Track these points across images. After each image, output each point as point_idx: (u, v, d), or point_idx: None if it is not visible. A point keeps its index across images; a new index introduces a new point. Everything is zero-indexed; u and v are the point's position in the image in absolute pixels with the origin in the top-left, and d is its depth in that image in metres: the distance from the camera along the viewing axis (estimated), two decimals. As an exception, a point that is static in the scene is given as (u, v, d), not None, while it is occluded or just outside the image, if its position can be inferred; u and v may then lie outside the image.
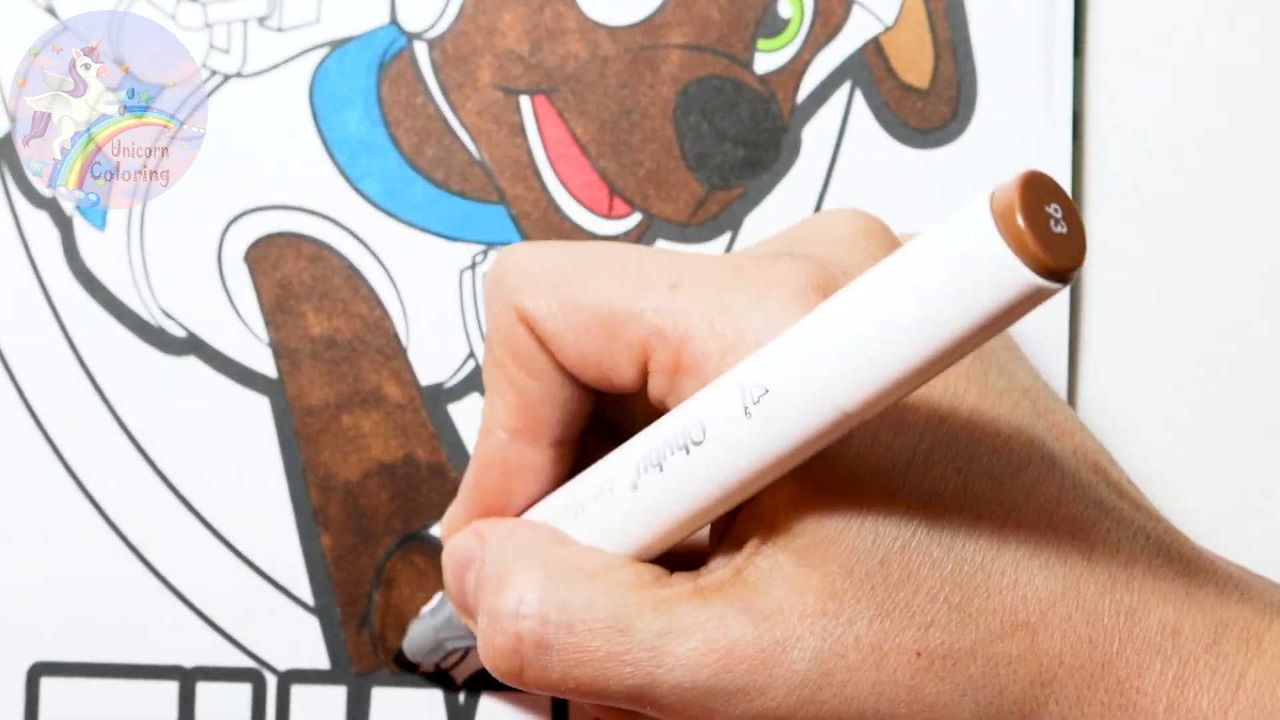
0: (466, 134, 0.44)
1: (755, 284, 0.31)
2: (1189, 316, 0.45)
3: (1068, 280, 0.25)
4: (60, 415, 0.44)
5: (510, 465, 0.35)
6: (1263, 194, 0.45)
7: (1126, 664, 0.31)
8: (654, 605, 0.31)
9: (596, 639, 0.31)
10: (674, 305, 0.32)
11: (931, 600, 0.31)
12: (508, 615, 0.32)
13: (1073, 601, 0.31)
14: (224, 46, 0.44)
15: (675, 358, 0.32)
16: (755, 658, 0.31)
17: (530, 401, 0.34)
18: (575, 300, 0.33)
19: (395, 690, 0.44)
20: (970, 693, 0.31)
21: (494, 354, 0.35)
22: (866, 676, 0.31)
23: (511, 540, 0.34)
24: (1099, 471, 0.33)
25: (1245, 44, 0.45)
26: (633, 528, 0.32)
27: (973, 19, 0.44)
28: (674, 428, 0.30)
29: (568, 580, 0.32)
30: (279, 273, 0.44)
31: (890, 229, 0.34)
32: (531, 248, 0.35)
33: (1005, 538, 0.31)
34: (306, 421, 0.44)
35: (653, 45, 0.44)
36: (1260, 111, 0.45)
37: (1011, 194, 0.25)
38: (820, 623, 0.30)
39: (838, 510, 0.31)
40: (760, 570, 0.31)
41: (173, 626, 0.43)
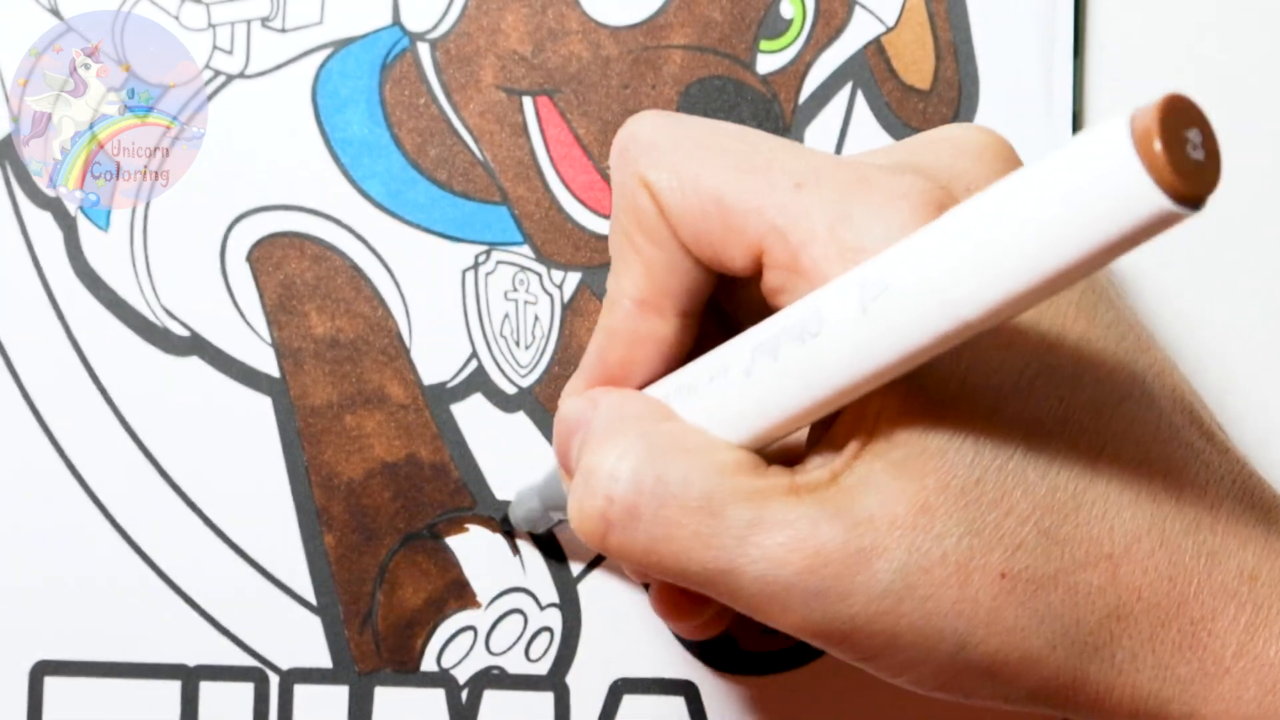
0: (469, 134, 0.44)
1: (879, 194, 0.31)
2: (1188, 316, 0.45)
3: (1200, 206, 0.25)
4: (64, 415, 0.44)
5: (635, 335, 0.35)
6: (1263, 194, 0.45)
7: (1202, 605, 0.31)
8: (748, 494, 0.31)
9: (686, 516, 0.31)
10: (795, 206, 0.32)
11: (1021, 524, 0.31)
12: (603, 477, 0.32)
13: (1157, 538, 0.31)
14: (227, 47, 0.44)
15: (792, 258, 0.31)
16: (841, 562, 0.31)
17: (655, 271, 0.34)
18: (696, 181, 0.33)
19: (397, 690, 0.44)
20: (1048, 619, 0.31)
21: (620, 223, 0.34)
22: (949, 593, 0.31)
23: (621, 408, 0.33)
24: (1191, 413, 0.33)
25: (1245, 44, 0.45)
26: (741, 413, 0.32)
27: (974, 20, 0.44)
28: (793, 318, 0.30)
29: (667, 453, 0.32)
30: (282, 273, 0.44)
31: (1014, 149, 0.34)
32: (658, 117, 0.34)
33: (1099, 469, 0.31)
34: (309, 421, 0.44)
35: (655, 46, 0.44)
36: (1260, 111, 0.45)
37: (1151, 117, 0.25)
38: (910, 535, 0.30)
39: (940, 425, 0.31)
40: (856, 476, 0.31)
41: (176, 626, 0.43)
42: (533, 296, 0.44)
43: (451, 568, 0.44)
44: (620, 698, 0.44)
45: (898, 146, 0.34)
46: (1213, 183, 0.25)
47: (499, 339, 0.44)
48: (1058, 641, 0.31)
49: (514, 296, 0.44)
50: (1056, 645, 0.31)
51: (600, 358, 0.36)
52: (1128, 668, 0.32)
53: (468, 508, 0.44)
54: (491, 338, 0.44)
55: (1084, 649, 0.31)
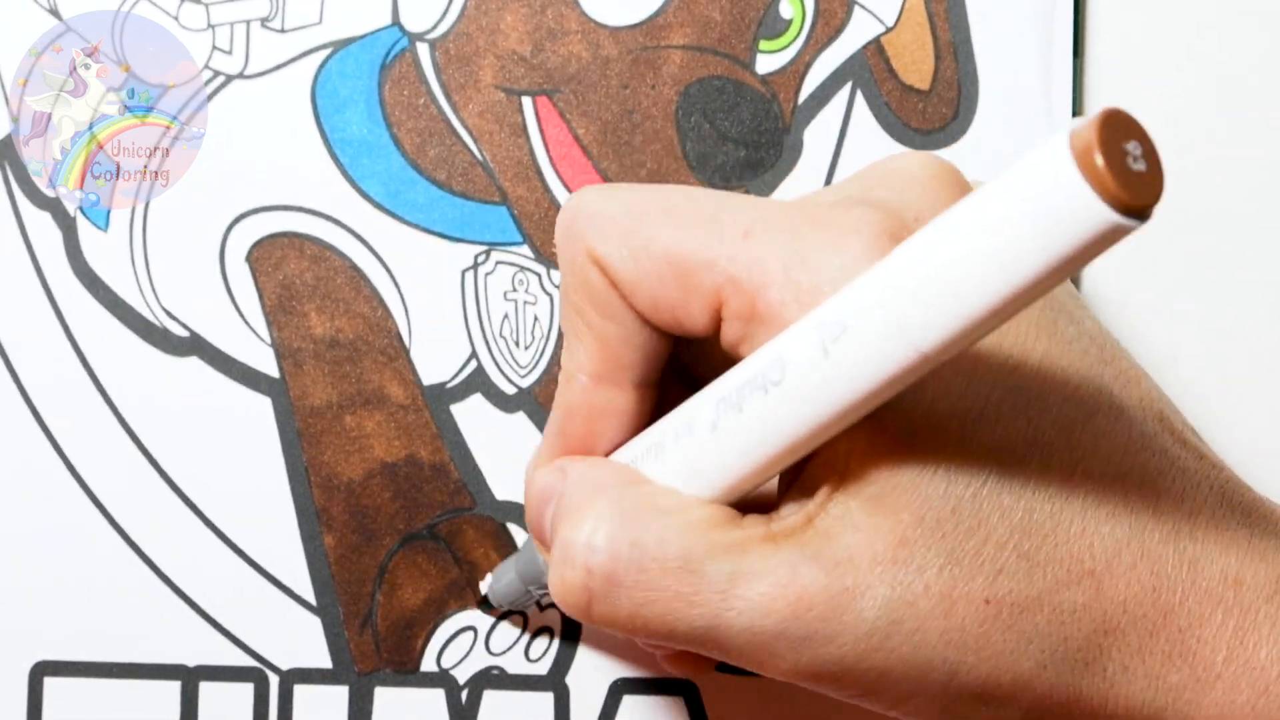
0: (468, 134, 0.44)
1: (830, 231, 0.31)
2: (1189, 316, 0.45)
3: (1146, 217, 0.25)
4: (63, 415, 0.44)
5: (593, 409, 0.35)
6: (1263, 193, 0.45)
7: (1188, 613, 0.31)
8: (725, 548, 0.31)
9: (667, 578, 0.31)
10: (748, 254, 0.32)
11: (1001, 548, 0.31)
12: (580, 548, 0.32)
13: (1138, 550, 0.31)
14: (226, 47, 0.44)
15: (750, 306, 0.31)
16: (825, 604, 0.31)
17: (609, 344, 0.34)
18: (647, 247, 0.33)
19: (397, 690, 0.44)
20: (1036, 640, 0.31)
21: (570, 299, 0.34)
22: (935, 624, 0.31)
23: (590, 476, 0.33)
24: (1163, 421, 0.33)
25: (1245, 44, 0.45)
26: (712, 469, 0.32)
27: (974, 20, 0.44)
28: (753, 369, 0.30)
29: (641, 517, 0.32)
30: (281, 273, 0.44)
31: (961, 174, 0.34)
32: (600, 190, 0.34)
33: (1073, 486, 0.31)
34: (309, 422, 0.44)
35: (654, 46, 0.44)
36: (1260, 111, 0.45)
37: (1090, 132, 0.25)
38: (891, 571, 0.31)
39: (910, 458, 0.31)
40: (832, 518, 0.31)
41: (175, 626, 0.44)
42: (532, 297, 0.44)
43: (451, 568, 0.44)
44: (620, 698, 0.44)
45: (845, 182, 0.34)
46: (1157, 192, 0.25)
47: (498, 339, 0.44)
48: (1047, 661, 0.31)
49: (513, 297, 0.44)
50: (1046, 665, 0.31)
51: (561, 434, 0.36)
52: (1120, 680, 0.32)
53: (467, 508, 0.44)
54: (491, 338, 0.44)
55: (1074, 666, 0.31)
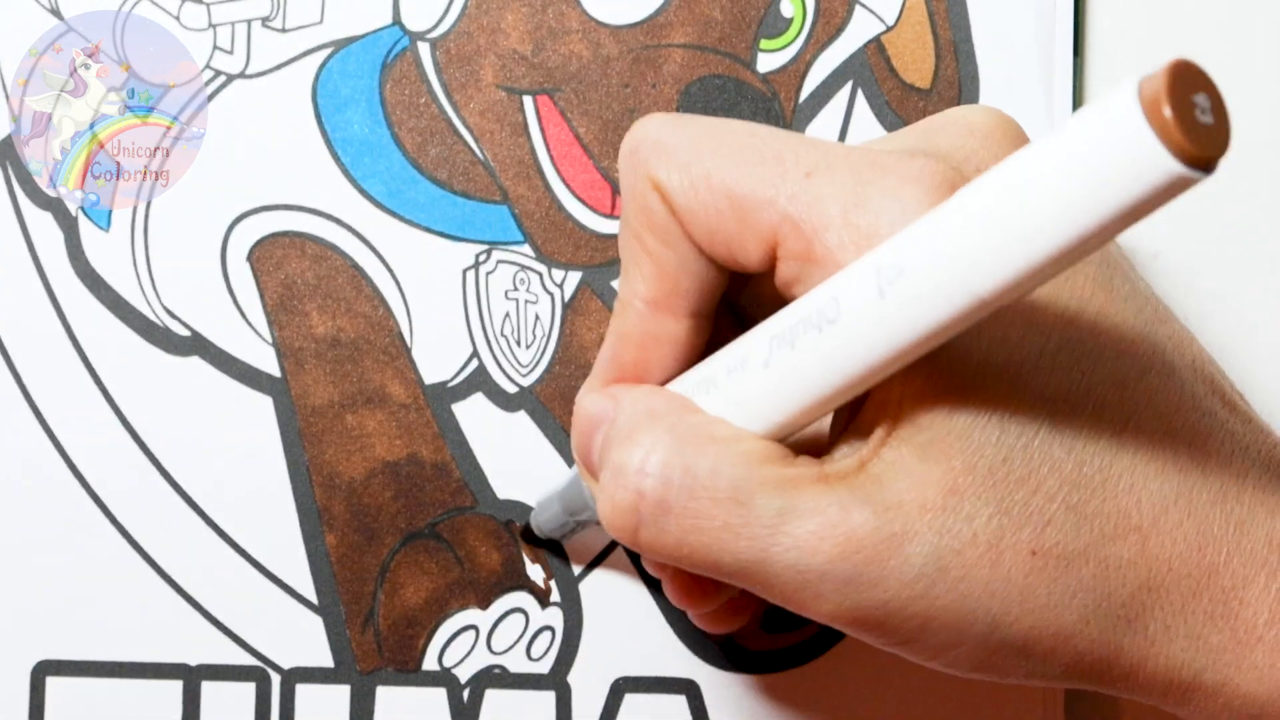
0: (469, 134, 0.44)
1: (891, 178, 0.31)
2: (1189, 317, 0.45)
3: (1211, 169, 0.25)
4: (65, 415, 0.44)
5: (648, 336, 0.35)
6: (1263, 193, 0.45)
7: (1232, 574, 0.32)
8: (777, 483, 0.31)
9: (717, 508, 0.31)
10: (808, 194, 0.31)
11: (1050, 500, 0.31)
12: (632, 471, 0.32)
13: (1185, 509, 0.31)
14: (228, 47, 0.44)
15: (806, 246, 0.31)
16: (873, 548, 0.31)
17: (666, 271, 0.34)
18: (708, 178, 0.33)
19: (399, 689, 0.44)
20: (1080, 594, 0.31)
21: (630, 225, 0.34)
22: (981, 574, 0.31)
23: (644, 403, 0.33)
24: (1213, 384, 0.33)
25: (1245, 44, 0.45)
26: (763, 405, 0.32)
27: (974, 19, 0.44)
28: (809, 306, 0.30)
29: (695, 445, 0.32)
30: (282, 272, 0.44)
31: (1022, 129, 0.34)
32: (665, 119, 0.34)
33: (1124, 442, 0.31)
34: (310, 421, 0.44)
35: (655, 45, 0.44)
36: (1260, 111, 0.45)
37: (1159, 83, 0.25)
38: (940, 518, 0.30)
39: (964, 405, 0.31)
40: (884, 462, 0.31)
41: (177, 625, 0.44)
42: (533, 295, 0.44)
43: (453, 567, 0.44)
44: (622, 696, 0.44)
45: (908, 131, 0.34)
46: (1223, 145, 0.25)
47: (500, 338, 0.44)
48: (1090, 616, 0.31)
49: (515, 295, 0.44)
50: (1090, 620, 0.31)
51: (614, 361, 0.35)
52: (1161, 639, 0.32)
53: (469, 507, 0.44)
54: (492, 337, 0.44)
55: (1117, 622, 0.31)
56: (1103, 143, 0.26)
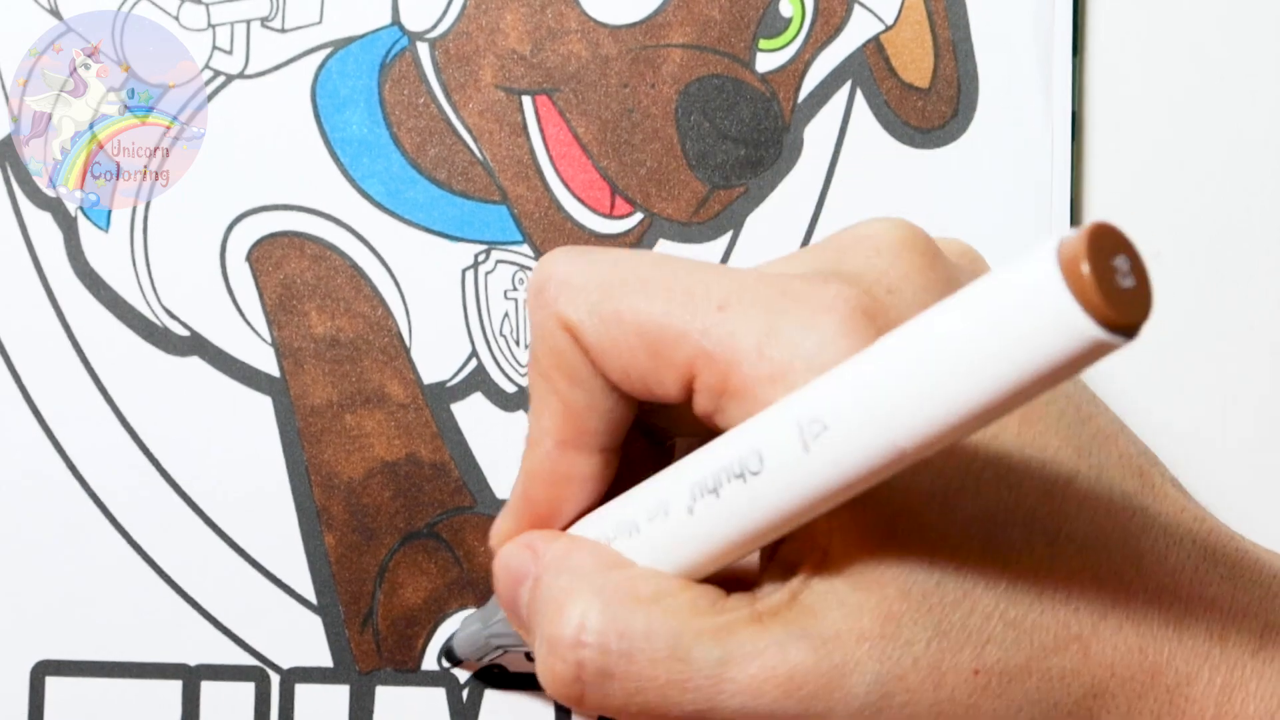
0: (468, 134, 0.44)
1: (804, 308, 0.31)
2: (1188, 315, 0.45)
3: (1133, 335, 0.25)
4: (64, 415, 0.44)
5: (559, 475, 0.35)
6: (1263, 192, 0.45)
7: (1175, 672, 0.31)
8: (713, 632, 0.31)
9: (657, 667, 0.31)
10: (722, 328, 0.31)
11: (987, 619, 0.31)
12: (568, 644, 0.32)
13: (1123, 612, 0.31)
14: (227, 47, 0.44)
15: (723, 380, 0.31)
16: (815, 683, 0.31)
17: (576, 411, 0.34)
18: (619, 316, 0.32)
19: (398, 689, 0.44)
20: (1025, 708, 0.31)
21: (539, 365, 0.34)
22: (925, 697, 0.31)
23: (567, 562, 0.33)
24: (1142, 476, 0.33)
25: (1245, 43, 0.45)
26: (688, 550, 0.32)
27: (973, 18, 0.44)
28: (731, 455, 0.30)
29: (626, 607, 0.32)
30: (282, 272, 0.44)
31: (930, 238, 0.34)
32: (571, 255, 0.34)
33: (1057, 552, 0.31)
34: (309, 421, 0.44)
35: (654, 45, 0.44)
36: (1260, 110, 0.45)
37: (1078, 245, 0.25)
38: (879, 646, 0.31)
39: (892, 536, 0.31)
40: (816, 594, 0.31)
41: (177, 625, 0.44)
42: (532, 296, 0.44)
43: (452, 567, 0.44)
44: (621, 696, 0.44)
45: (816, 249, 0.34)
46: (1145, 310, 0.25)
47: (499, 338, 0.44)
48: None
49: (514, 295, 0.44)
50: None
51: (525, 498, 0.36)
52: None
53: (468, 507, 0.44)
54: (491, 337, 0.44)
55: None
56: (1022, 304, 0.25)
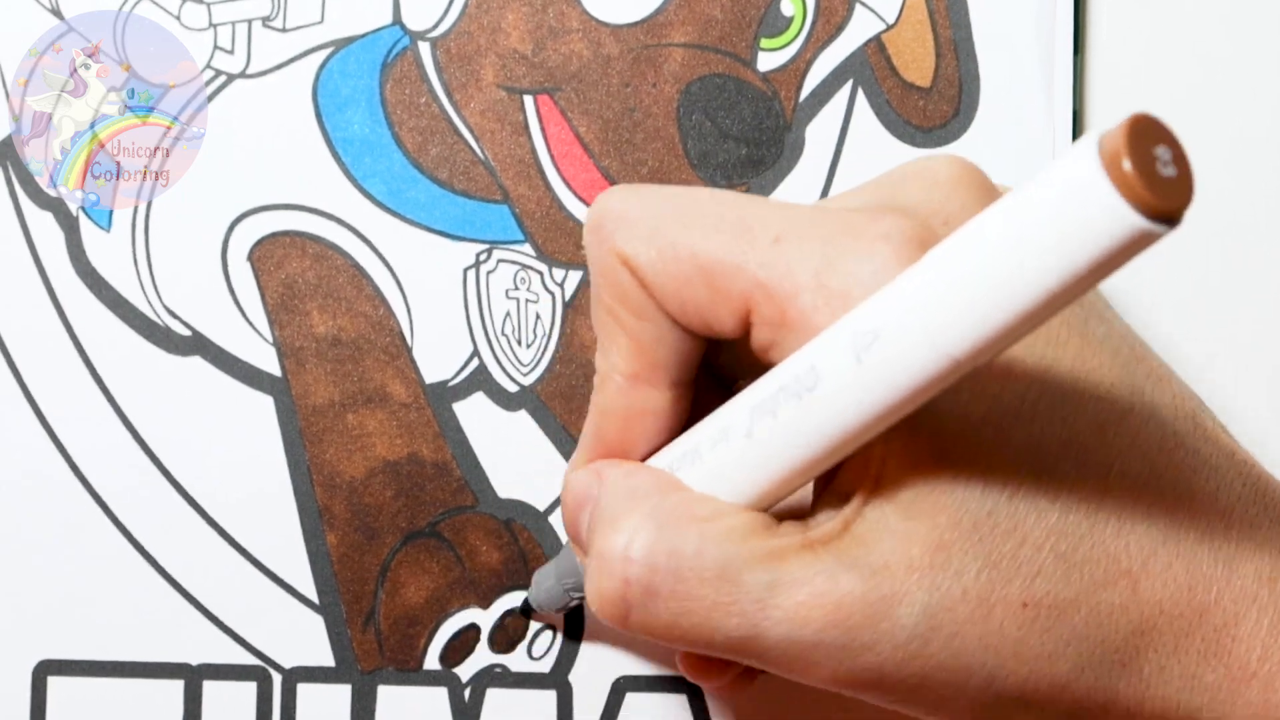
0: (470, 133, 0.44)
1: (860, 239, 0.31)
2: (1189, 315, 0.45)
3: (1176, 222, 0.25)
4: (66, 414, 0.44)
5: (630, 409, 0.34)
6: (1263, 192, 0.45)
7: (1223, 612, 0.31)
8: (763, 557, 0.31)
9: (704, 587, 0.31)
10: (778, 259, 0.31)
11: (1038, 550, 0.31)
12: (616, 559, 0.32)
13: (1173, 549, 0.31)
14: (228, 47, 0.44)
15: (780, 312, 0.31)
16: (863, 613, 0.30)
17: (643, 344, 0.34)
18: (675, 248, 0.32)
19: (400, 689, 0.44)
20: (1073, 642, 0.31)
21: (602, 300, 0.34)
22: (974, 629, 0.31)
23: (626, 483, 0.33)
24: (1195, 419, 0.33)
25: (1245, 43, 0.45)
26: (748, 475, 0.32)
27: (974, 17, 0.44)
28: (788, 375, 0.30)
29: (677, 527, 0.32)
30: (283, 272, 0.44)
31: (986, 175, 0.34)
32: (627, 191, 0.34)
33: (1109, 486, 0.31)
34: (311, 420, 0.44)
35: (655, 44, 0.44)
36: (1260, 110, 0.45)
37: (1118, 138, 0.25)
38: (928, 576, 0.30)
39: (946, 463, 0.30)
40: (868, 523, 0.31)
41: (178, 625, 0.44)
42: (534, 295, 0.44)
43: (454, 566, 0.44)
44: (623, 695, 0.44)
45: (872, 185, 0.34)
46: (1186, 197, 0.25)
47: (500, 337, 0.44)
48: (1085, 664, 0.31)
49: (515, 295, 0.44)
50: (1085, 668, 0.31)
51: (598, 436, 0.35)
52: (1156, 681, 0.32)
53: (470, 506, 0.44)
54: (493, 336, 0.44)
55: (1111, 667, 0.31)
56: (1066, 200, 0.26)
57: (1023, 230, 0.26)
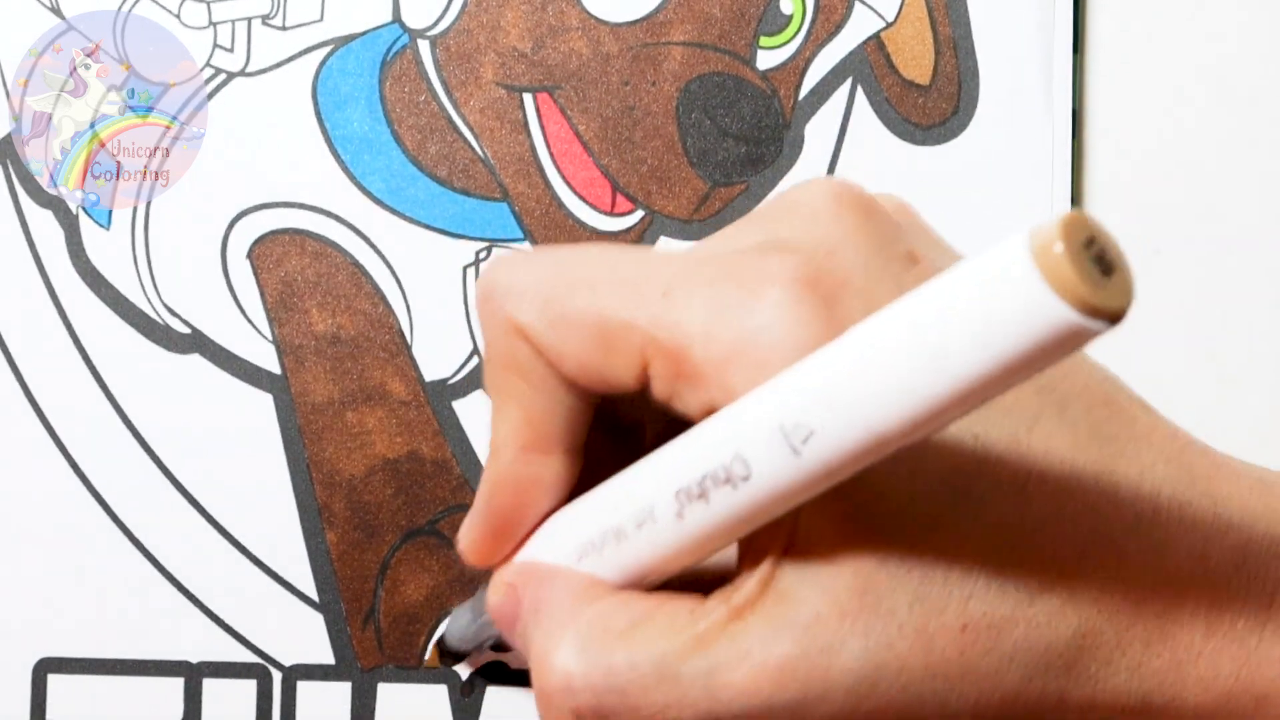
0: (469, 131, 0.44)
1: (745, 284, 0.31)
2: (1189, 315, 0.45)
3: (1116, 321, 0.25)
4: (66, 412, 0.44)
5: (523, 480, 0.35)
6: (1262, 192, 0.45)
7: (1161, 598, 0.32)
8: (695, 644, 0.31)
9: (650, 694, 0.31)
10: (667, 314, 0.31)
11: (966, 572, 0.31)
12: (560, 694, 0.32)
13: (1104, 546, 0.31)
14: (228, 45, 0.44)
15: (675, 366, 0.31)
16: (807, 670, 0.31)
17: (536, 414, 0.34)
18: (567, 313, 0.32)
19: (400, 686, 0.44)
20: (1017, 656, 0.31)
21: (494, 372, 0.34)
22: (917, 661, 0.31)
23: (543, 610, 0.34)
24: (1109, 405, 0.33)
25: (1244, 43, 0.45)
26: (679, 551, 0.32)
27: (973, 15, 0.44)
28: (713, 461, 0.30)
29: (606, 644, 0.32)
30: (282, 270, 0.44)
31: (865, 194, 0.34)
32: (513, 260, 0.34)
33: (1028, 495, 0.31)
34: (310, 418, 0.44)
35: (655, 42, 0.44)
36: (1259, 110, 0.45)
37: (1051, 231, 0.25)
38: (861, 620, 0.30)
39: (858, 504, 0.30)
40: (789, 577, 0.31)
41: (179, 623, 0.44)
42: (534, 293, 0.44)
43: (453, 564, 0.44)
44: (622, 693, 0.44)
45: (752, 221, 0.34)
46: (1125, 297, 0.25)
47: (500, 335, 0.44)
48: (1032, 673, 0.31)
49: (515, 293, 0.44)
50: (1032, 677, 0.31)
51: (491, 507, 0.36)
52: (1103, 676, 0.32)
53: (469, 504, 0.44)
54: (493, 334, 0.44)
55: (1059, 672, 0.32)
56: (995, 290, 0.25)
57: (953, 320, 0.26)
